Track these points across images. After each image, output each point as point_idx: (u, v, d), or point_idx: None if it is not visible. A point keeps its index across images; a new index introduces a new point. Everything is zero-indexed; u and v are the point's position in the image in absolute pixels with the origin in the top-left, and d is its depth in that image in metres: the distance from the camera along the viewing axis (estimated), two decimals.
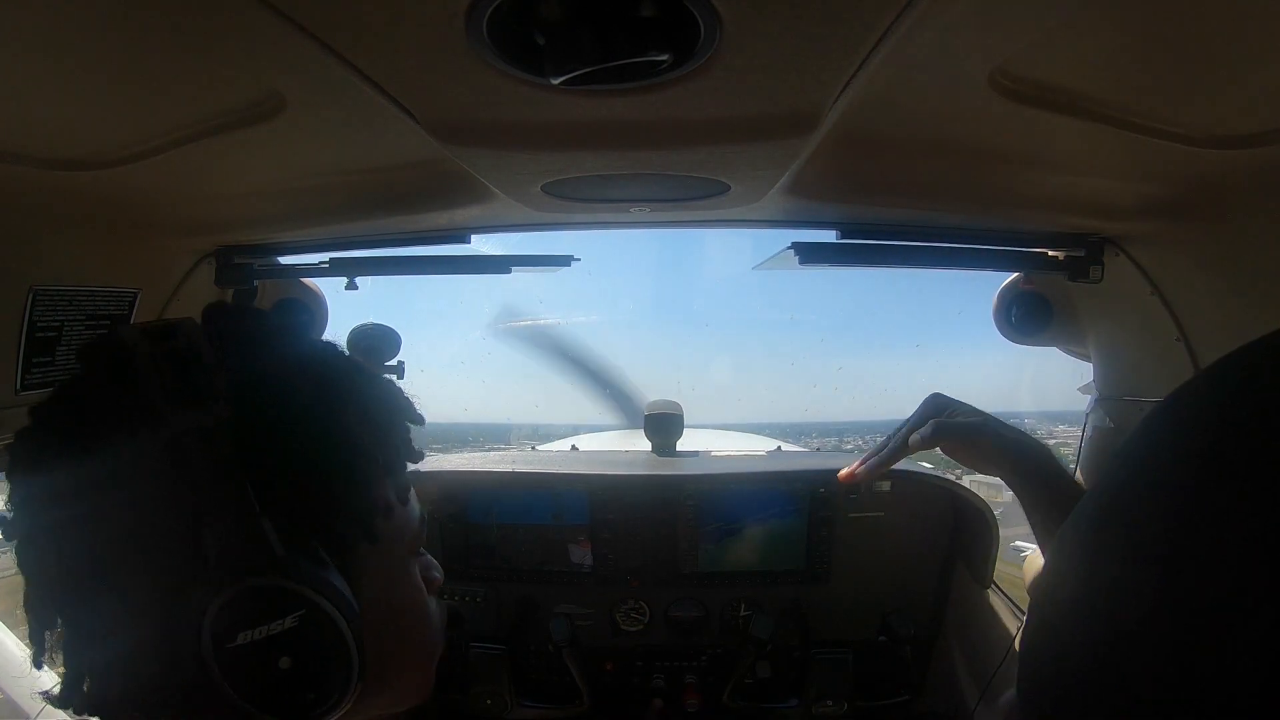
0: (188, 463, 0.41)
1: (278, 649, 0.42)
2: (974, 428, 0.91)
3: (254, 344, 0.48)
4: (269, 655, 0.41)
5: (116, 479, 0.42)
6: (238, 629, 0.41)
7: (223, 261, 1.20)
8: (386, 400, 0.54)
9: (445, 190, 0.98)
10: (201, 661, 0.40)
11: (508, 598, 1.48)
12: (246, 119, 0.71)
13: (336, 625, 0.43)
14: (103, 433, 0.43)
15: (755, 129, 0.67)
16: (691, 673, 1.48)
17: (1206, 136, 0.73)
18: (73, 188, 0.82)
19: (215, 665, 0.40)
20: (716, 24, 0.48)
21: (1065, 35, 0.58)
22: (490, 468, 1.50)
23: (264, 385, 0.45)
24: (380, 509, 0.49)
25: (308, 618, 0.42)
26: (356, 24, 0.50)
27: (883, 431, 1.05)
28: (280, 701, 0.42)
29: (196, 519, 0.41)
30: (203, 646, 0.40)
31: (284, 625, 0.41)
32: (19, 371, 0.86)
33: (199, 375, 0.42)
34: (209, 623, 0.40)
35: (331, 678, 0.44)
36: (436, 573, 0.60)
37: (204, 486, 0.41)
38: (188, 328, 0.44)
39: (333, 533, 0.46)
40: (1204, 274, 0.99)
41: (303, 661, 0.42)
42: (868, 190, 0.98)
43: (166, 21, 0.53)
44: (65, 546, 0.43)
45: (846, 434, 10.67)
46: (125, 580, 0.42)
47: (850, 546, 1.46)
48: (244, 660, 0.41)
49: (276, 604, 0.42)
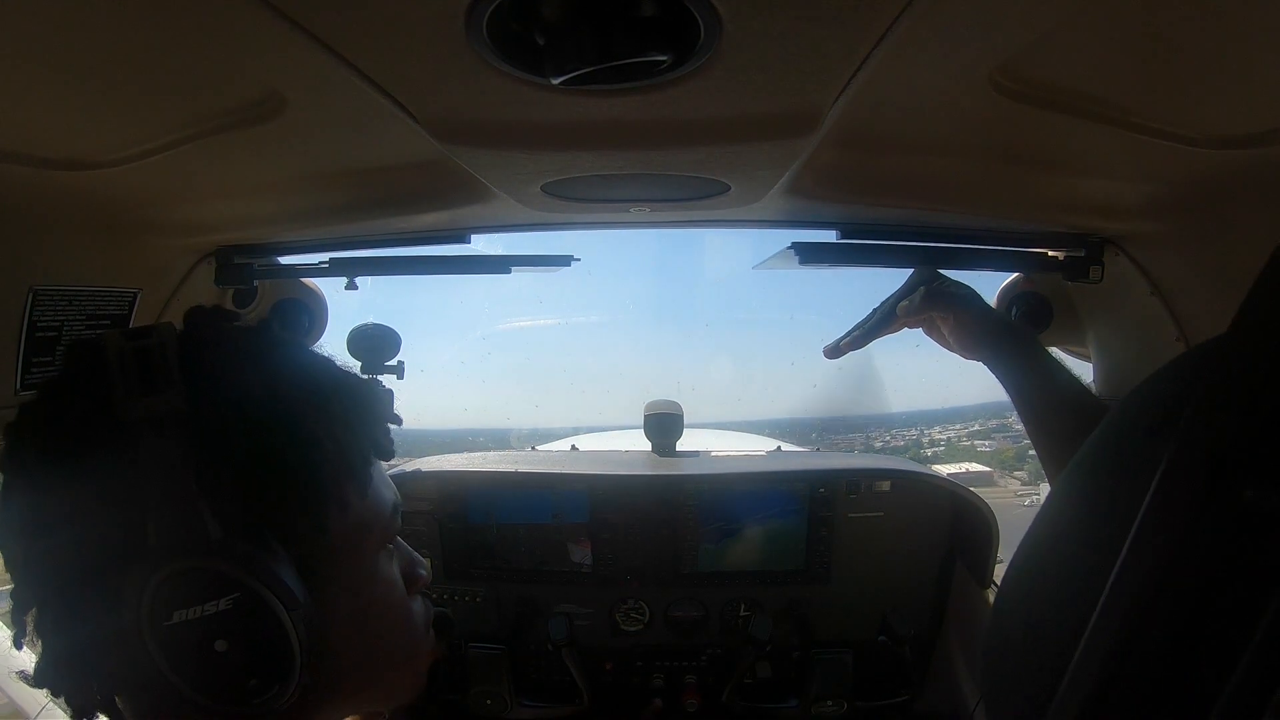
0: (137, 448, 0.43)
1: (214, 631, 0.43)
2: (964, 299, 0.91)
3: (220, 342, 0.50)
4: (205, 636, 0.43)
5: (79, 467, 0.44)
6: (173, 607, 0.42)
7: (222, 261, 1.20)
8: (356, 398, 0.54)
9: (445, 190, 0.98)
10: (141, 640, 0.42)
11: (507, 597, 1.48)
12: (246, 119, 0.71)
13: (274, 611, 0.44)
14: (69, 423, 0.45)
15: (755, 129, 0.67)
16: (691, 673, 1.48)
17: (1206, 136, 0.73)
18: (73, 188, 0.82)
19: (152, 643, 0.42)
20: (716, 24, 0.48)
21: (1065, 35, 0.58)
22: (490, 468, 1.50)
23: (218, 378, 0.47)
24: (332, 502, 0.50)
25: (242, 601, 0.43)
26: (357, 24, 0.50)
27: (884, 425, 1.05)
28: (218, 684, 0.43)
29: (142, 502, 0.43)
30: (142, 625, 0.42)
31: (218, 607, 0.42)
32: (19, 371, 0.87)
33: (159, 368, 0.44)
34: (146, 600, 0.42)
35: (272, 664, 0.44)
36: (422, 570, 0.60)
37: (150, 471, 0.43)
38: (163, 328, 0.46)
39: (280, 524, 0.47)
40: (1204, 274, 0.99)
41: (240, 646, 0.43)
42: (868, 190, 0.98)
43: (166, 21, 0.53)
44: (33, 531, 0.45)
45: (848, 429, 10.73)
46: (81, 563, 0.44)
47: (850, 546, 1.46)
48: (180, 639, 0.42)
49: (211, 586, 0.43)
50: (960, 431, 12.78)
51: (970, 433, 12.06)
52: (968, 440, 12.48)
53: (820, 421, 10.53)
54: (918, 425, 12.97)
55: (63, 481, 0.44)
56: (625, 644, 1.49)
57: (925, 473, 1.53)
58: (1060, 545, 0.32)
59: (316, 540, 0.48)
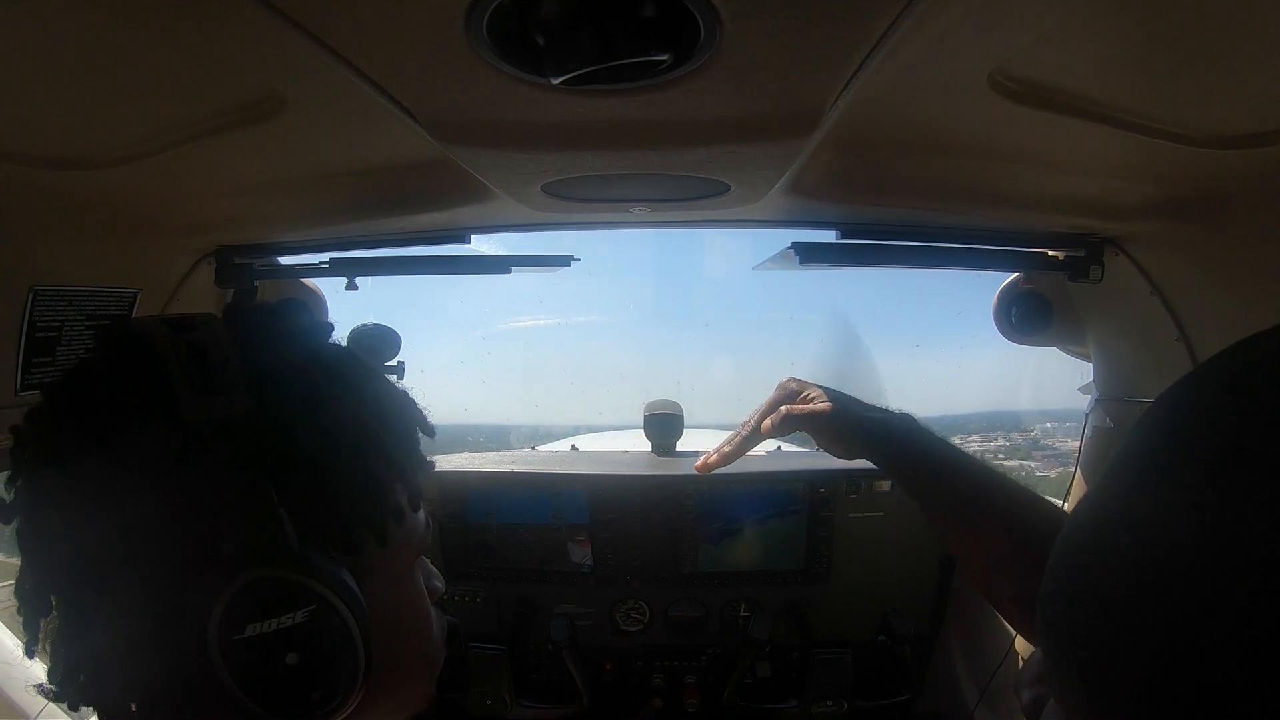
0: (207, 453, 0.41)
1: (286, 644, 0.41)
2: (821, 416, 0.88)
3: (275, 339, 0.48)
4: (276, 650, 0.41)
5: (131, 465, 0.41)
6: (246, 621, 0.40)
7: (222, 261, 1.20)
8: (402, 406, 0.53)
9: (445, 190, 0.98)
10: (206, 653, 0.40)
11: (507, 598, 1.48)
12: (246, 119, 0.71)
13: (346, 623, 0.42)
14: (120, 418, 0.42)
15: (755, 129, 0.67)
16: (691, 673, 1.48)
17: (1207, 136, 0.73)
18: (73, 188, 0.82)
19: (220, 658, 0.40)
20: (716, 24, 0.48)
21: (1065, 35, 0.58)
22: (490, 468, 1.50)
23: (285, 380, 0.45)
24: (393, 512, 0.49)
25: (318, 613, 0.41)
26: (356, 24, 0.50)
27: None
28: (285, 698, 0.41)
29: (212, 509, 0.41)
30: (209, 638, 0.39)
31: (294, 620, 0.41)
32: (19, 371, 0.87)
33: (219, 366, 0.42)
34: (218, 613, 0.39)
35: (338, 677, 0.43)
36: (438, 581, 0.59)
37: (221, 477, 0.41)
38: (207, 320, 0.44)
39: (345, 532, 0.45)
40: (1204, 274, 0.99)
41: (310, 659, 0.41)
42: (868, 190, 0.98)
43: (166, 21, 0.53)
44: (73, 532, 0.42)
45: None
46: (134, 569, 0.41)
47: (850, 546, 1.46)
48: (250, 654, 0.40)
49: (288, 598, 0.41)
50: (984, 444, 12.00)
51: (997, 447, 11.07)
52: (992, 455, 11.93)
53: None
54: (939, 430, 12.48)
55: (113, 480, 0.41)
56: (625, 644, 1.49)
57: None
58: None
59: (375, 550, 0.47)
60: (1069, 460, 1.41)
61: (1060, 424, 4.69)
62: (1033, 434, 7.20)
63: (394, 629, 0.50)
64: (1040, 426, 5.65)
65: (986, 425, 9.57)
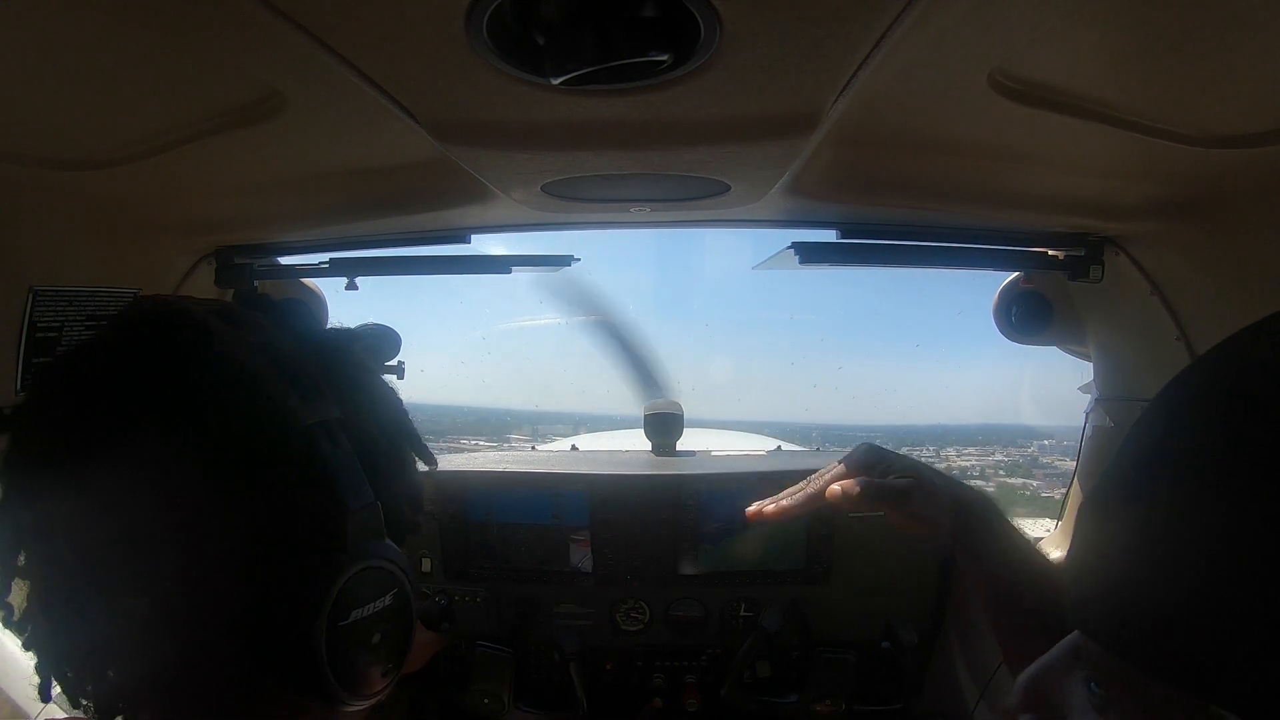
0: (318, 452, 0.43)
1: (375, 626, 0.45)
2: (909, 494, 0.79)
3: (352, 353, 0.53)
4: (369, 632, 0.44)
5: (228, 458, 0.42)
6: (352, 607, 0.43)
7: (222, 261, 1.20)
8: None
9: (445, 190, 0.98)
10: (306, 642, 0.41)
11: (508, 598, 1.48)
12: (246, 119, 0.71)
13: (409, 599, 0.47)
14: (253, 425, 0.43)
15: (755, 129, 0.67)
16: (691, 673, 1.48)
17: (1206, 136, 0.73)
18: (73, 188, 0.82)
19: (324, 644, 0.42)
20: (716, 24, 0.48)
21: (1065, 35, 0.58)
22: (490, 468, 1.50)
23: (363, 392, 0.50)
24: (419, 508, 0.54)
25: (398, 595, 0.46)
26: (356, 24, 0.50)
27: (894, 439, 1.02)
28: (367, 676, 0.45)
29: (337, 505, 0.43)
30: (316, 624, 0.41)
31: (385, 604, 0.45)
32: (19, 371, 0.86)
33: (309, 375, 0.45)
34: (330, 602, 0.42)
35: (403, 652, 0.47)
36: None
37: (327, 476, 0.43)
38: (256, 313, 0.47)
39: (399, 524, 0.50)
40: (1204, 274, 0.99)
41: (387, 637, 0.46)
42: (868, 190, 0.98)
43: (167, 21, 0.53)
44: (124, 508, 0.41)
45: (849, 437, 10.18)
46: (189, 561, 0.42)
47: (850, 546, 1.46)
48: (350, 638, 0.43)
49: (382, 582, 0.45)
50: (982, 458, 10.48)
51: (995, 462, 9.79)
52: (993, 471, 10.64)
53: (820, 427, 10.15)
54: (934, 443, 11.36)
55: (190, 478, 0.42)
56: (625, 644, 1.49)
57: None
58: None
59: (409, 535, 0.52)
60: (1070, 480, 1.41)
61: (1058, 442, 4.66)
62: (1030, 450, 6.97)
63: None
64: (1038, 443, 5.55)
65: (982, 438, 9.08)
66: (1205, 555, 0.29)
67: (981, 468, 9.33)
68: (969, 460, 10.07)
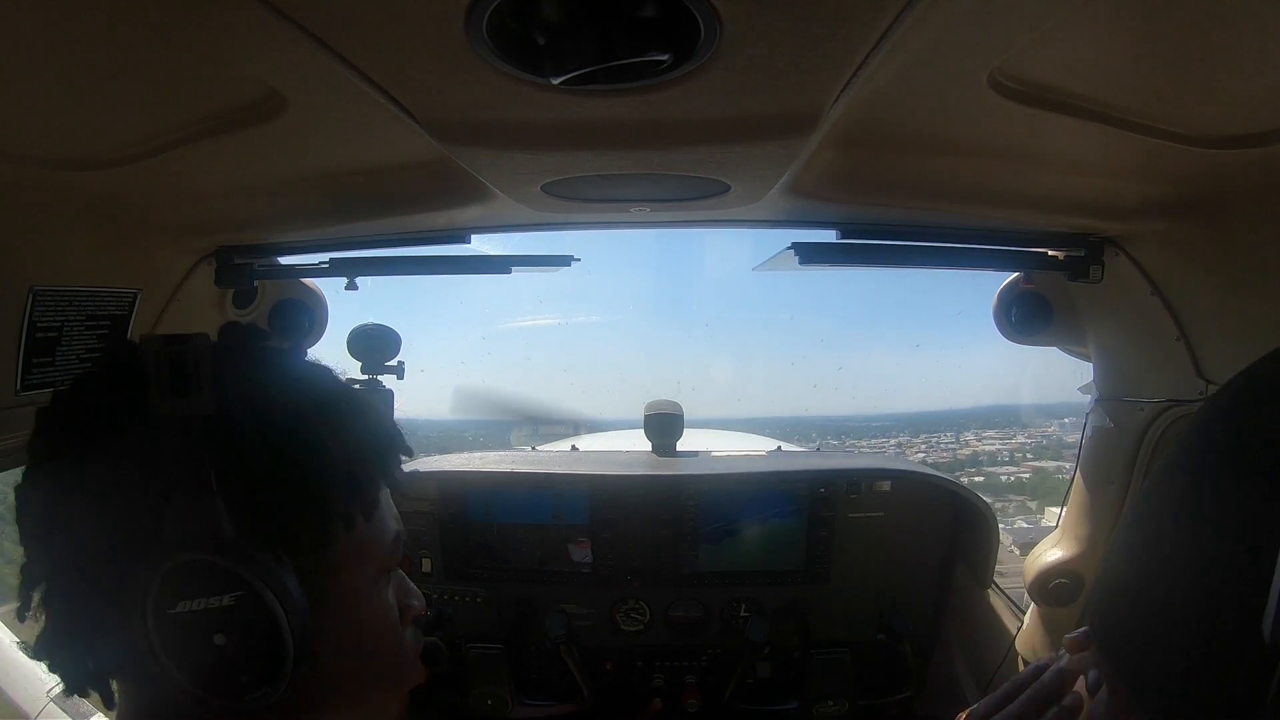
0: (162, 444, 0.45)
1: (214, 625, 0.45)
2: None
3: (250, 357, 0.53)
4: (205, 629, 0.45)
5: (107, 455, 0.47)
6: (179, 598, 0.44)
7: (223, 262, 1.20)
8: (370, 426, 0.57)
9: (445, 190, 0.98)
10: (144, 624, 0.44)
11: (507, 597, 1.48)
12: (247, 119, 0.71)
13: (273, 612, 0.45)
14: (102, 413, 0.48)
15: (755, 129, 0.67)
16: (691, 673, 1.49)
17: (1206, 136, 0.73)
18: (73, 188, 0.82)
19: (154, 629, 0.44)
20: (716, 24, 0.48)
21: (1065, 35, 0.58)
22: (490, 468, 1.50)
23: (245, 389, 0.50)
24: (338, 518, 0.52)
25: (245, 600, 0.45)
26: (357, 24, 0.50)
27: (881, 424, 1.00)
28: (212, 676, 0.45)
29: (163, 495, 0.45)
30: (146, 610, 0.44)
31: (221, 602, 0.45)
32: (19, 371, 0.86)
33: (193, 374, 0.47)
34: (154, 587, 0.44)
35: (265, 663, 0.46)
36: (415, 601, 0.62)
37: (173, 467, 0.45)
38: (199, 339, 0.49)
39: (289, 533, 0.49)
40: (1204, 274, 0.99)
41: (237, 642, 0.45)
42: (868, 190, 0.98)
43: (167, 22, 0.53)
44: (56, 510, 0.47)
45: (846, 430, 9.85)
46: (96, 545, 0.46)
47: (850, 547, 1.46)
48: (182, 629, 0.44)
49: (217, 581, 0.45)
50: (1003, 442, 8.90)
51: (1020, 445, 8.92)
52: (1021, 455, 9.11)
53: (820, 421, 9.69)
54: (951, 429, 9.53)
55: (89, 467, 0.47)
56: (625, 644, 1.49)
57: (926, 473, 1.53)
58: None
59: (320, 554, 0.51)
60: None
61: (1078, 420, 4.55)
62: (1050, 430, 6.65)
63: (355, 637, 0.54)
64: (1057, 423, 5.42)
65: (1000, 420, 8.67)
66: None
67: (1010, 452, 8.93)
68: (991, 444, 9.44)
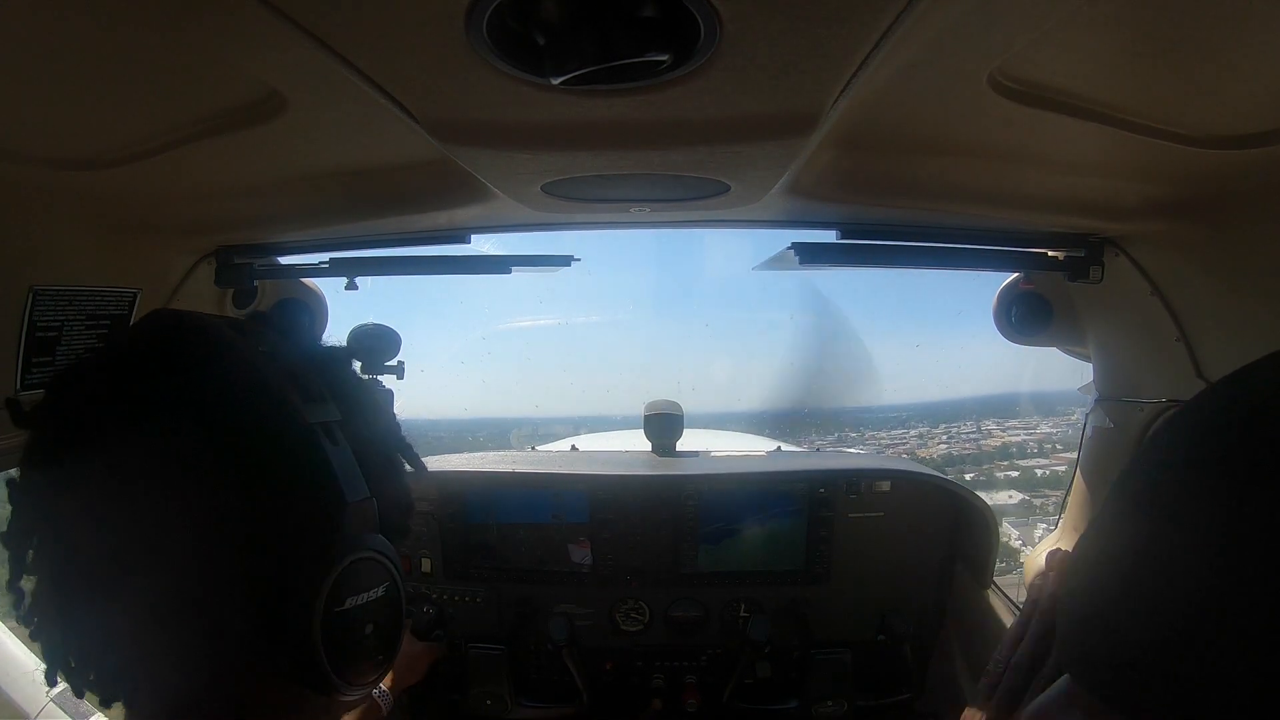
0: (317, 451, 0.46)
1: (369, 616, 0.47)
2: None
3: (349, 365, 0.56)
4: (363, 621, 0.47)
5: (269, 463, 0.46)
6: (348, 594, 0.45)
7: (223, 261, 1.20)
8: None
9: (445, 190, 0.98)
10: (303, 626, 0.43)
11: (507, 597, 1.48)
12: (247, 119, 0.71)
13: (401, 595, 0.49)
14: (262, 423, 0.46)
15: (755, 129, 0.67)
16: (691, 673, 1.48)
17: (1206, 136, 0.73)
18: (73, 188, 0.82)
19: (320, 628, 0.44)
20: (716, 24, 0.48)
21: (1065, 35, 0.58)
22: (490, 468, 1.50)
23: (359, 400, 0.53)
24: (408, 511, 0.56)
25: (391, 588, 0.49)
26: (356, 24, 0.50)
27: (897, 414, 0.99)
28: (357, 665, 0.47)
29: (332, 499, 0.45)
30: (313, 611, 0.44)
31: (378, 594, 0.47)
32: (19, 371, 0.86)
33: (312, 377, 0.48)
34: (328, 587, 0.44)
35: (392, 645, 0.50)
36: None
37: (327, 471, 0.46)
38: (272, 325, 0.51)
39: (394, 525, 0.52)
40: (1204, 274, 0.99)
41: (380, 629, 0.48)
42: (868, 190, 0.98)
43: (167, 22, 0.53)
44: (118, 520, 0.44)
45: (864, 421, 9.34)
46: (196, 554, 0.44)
47: (850, 547, 1.46)
48: (346, 624, 0.46)
49: (375, 574, 0.47)
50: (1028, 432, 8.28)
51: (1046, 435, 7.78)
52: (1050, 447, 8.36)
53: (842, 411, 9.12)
54: (971, 418, 8.95)
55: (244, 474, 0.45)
56: (625, 644, 1.49)
57: (926, 473, 1.53)
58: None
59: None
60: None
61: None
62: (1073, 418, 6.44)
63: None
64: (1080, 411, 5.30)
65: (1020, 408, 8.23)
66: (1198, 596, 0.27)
67: (1038, 443, 8.28)
68: (1016, 435, 8.71)
